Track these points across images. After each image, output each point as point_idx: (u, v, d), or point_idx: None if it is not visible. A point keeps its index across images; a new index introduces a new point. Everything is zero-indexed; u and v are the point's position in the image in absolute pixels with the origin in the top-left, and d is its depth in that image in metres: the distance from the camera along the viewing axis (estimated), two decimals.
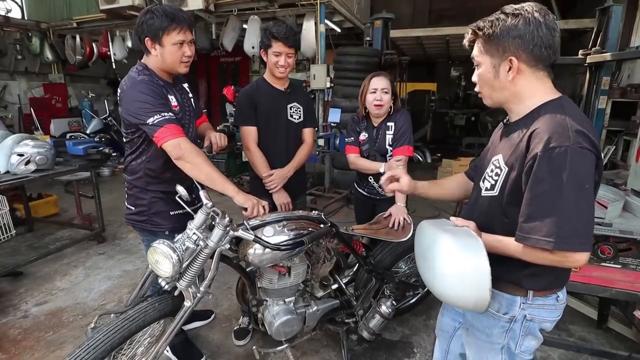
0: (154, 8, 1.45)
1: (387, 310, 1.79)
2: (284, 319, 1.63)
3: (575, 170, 0.83)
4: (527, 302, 1.02)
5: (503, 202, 0.98)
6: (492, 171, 1.03)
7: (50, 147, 2.91)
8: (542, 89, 0.96)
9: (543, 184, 0.85)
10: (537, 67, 0.95)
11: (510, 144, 0.98)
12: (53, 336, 2.14)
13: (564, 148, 0.83)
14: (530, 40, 0.91)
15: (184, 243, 1.30)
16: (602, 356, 1.87)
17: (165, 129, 1.39)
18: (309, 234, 1.45)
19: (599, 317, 2.21)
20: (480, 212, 1.07)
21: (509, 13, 0.93)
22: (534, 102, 0.96)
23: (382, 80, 1.94)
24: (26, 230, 3.63)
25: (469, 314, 1.16)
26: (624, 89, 5.29)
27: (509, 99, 1.00)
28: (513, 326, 1.05)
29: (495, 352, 1.11)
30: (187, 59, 1.53)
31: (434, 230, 1.06)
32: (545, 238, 0.85)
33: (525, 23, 0.91)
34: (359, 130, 2.09)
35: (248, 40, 5.47)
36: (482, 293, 0.91)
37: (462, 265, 0.93)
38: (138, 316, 1.32)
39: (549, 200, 0.85)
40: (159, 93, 1.47)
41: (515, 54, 0.93)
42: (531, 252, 0.90)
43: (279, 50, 1.83)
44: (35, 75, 7.40)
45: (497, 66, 0.97)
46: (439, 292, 1.03)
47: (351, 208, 4.60)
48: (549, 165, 0.84)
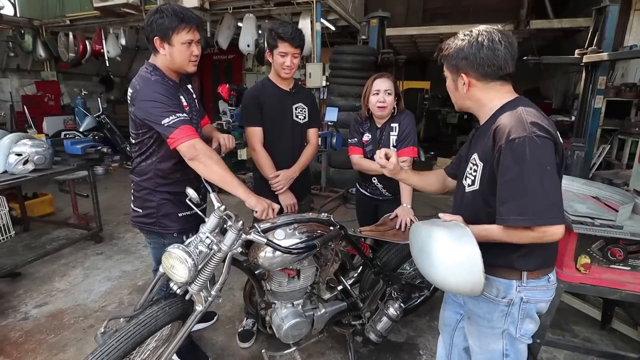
0: (164, 7, 1.46)
1: (395, 312, 1.79)
2: (292, 322, 1.63)
3: (534, 155, 0.96)
4: (522, 285, 1.12)
5: (484, 193, 1.10)
6: (470, 168, 1.16)
7: (48, 146, 2.86)
8: (497, 95, 1.11)
9: (510, 170, 0.98)
10: (486, 80, 1.10)
11: (482, 142, 1.11)
12: (55, 339, 2.11)
13: (522, 138, 0.97)
14: (473, 60, 1.07)
15: (197, 247, 1.29)
16: (610, 358, 1.88)
17: (181, 130, 1.40)
18: (319, 237, 1.45)
19: (603, 318, 2.23)
20: (466, 207, 1.17)
21: (459, 37, 1.11)
22: (495, 105, 1.11)
23: (385, 81, 1.94)
24: (22, 230, 3.57)
25: (470, 302, 1.23)
26: (618, 88, 5.36)
27: (471, 106, 1.16)
28: (512, 309, 1.14)
29: (497, 337, 1.19)
30: (195, 58, 1.55)
31: (428, 227, 1.16)
32: (520, 217, 0.97)
33: (469, 46, 1.07)
34: (362, 131, 2.09)
35: (243, 39, 5.43)
36: (476, 276, 0.99)
37: (456, 253, 1.02)
38: (150, 321, 1.30)
39: (517, 183, 0.97)
40: (173, 93, 1.47)
41: (465, 72, 1.10)
42: (513, 233, 1.02)
43: (285, 50, 1.82)
44: (28, 72, 7.25)
45: (455, 80, 1.15)
46: (440, 282, 1.11)
47: (348, 207, 4.61)
48: (512, 154, 0.98)
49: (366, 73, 4.86)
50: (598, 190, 1.99)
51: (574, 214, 1.64)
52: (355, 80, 4.80)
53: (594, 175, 4.48)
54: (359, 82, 4.83)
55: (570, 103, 7.35)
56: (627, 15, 5.68)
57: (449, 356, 1.49)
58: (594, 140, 4.73)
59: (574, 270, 1.67)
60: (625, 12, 5.53)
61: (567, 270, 1.68)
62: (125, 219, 3.97)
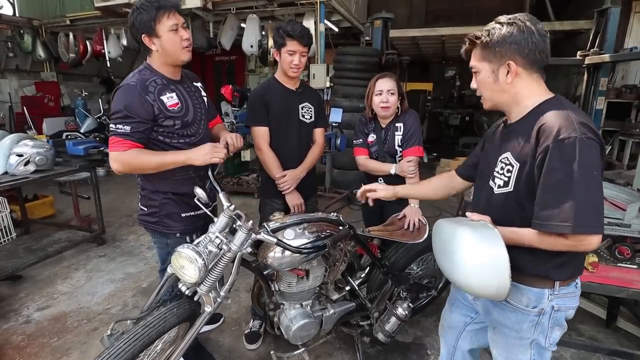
0: (138, 3, 1.45)
1: (404, 312, 1.78)
2: (301, 322, 1.61)
3: (584, 159, 0.90)
4: (554, 293, 1.06)
5: (519, 197, 1.03)
6: (502, 169, 1.08)
7: (49, 147, 2.84)
8: (537, 89, 1.05)
9: (556, 173, 0.92)
10: (532, 70, 1.03)
11: (518, 141, 1.04)
12: (58, 342, 2.08)
13: (572, 139, 0.90)
14: (525, 45, 1.00)
15: (207, 247, 1.27)
16: (618, 356, 1.88)
17: (112, 140, 1.43)
18: (329, 237, 1.43)
19: (608, 316, 2.23)
20: (496, 209, 1.10)
21: (504, 22, 1.02)
22: (533, 102, 1.04)
23: (387, 81, 1.92)
24: (22, 233, 3.53)
25: (495, 312, 1.17)
26: (619, 90, 5.38)
27: (508, 101, 1.08)
28: (542, 319, 1.08)
29: (525, 347, 1.13)
30: (186, 42, 1.52)
31: (452, 225, 1.11)
32: (562, 223, 0.90)
33: (519, 31, 1.00)
34: (367, 131, 2.07)
35: (246, 39, 5.42)
36: (502, 281, 0.94)
37: (481, 255, 0.97)
38: (158, 322, 1.28)
39: (563, 187, 0.91)
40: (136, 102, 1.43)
41: (512, 59, 1.02)
42: (547, 239, 0.95)
43: (293, 49, 1.80)
44: (27, 73, 7.22)
45: (495, 71, 1.05)
46: (461, 283, 1.06)
47: (352, 208, 4.58)
48: (560, 155, 0.91)
49: (370, 74, 4.82)
50: (604, 190, 1.98)
51: None
52: (360, 82, 4.81)
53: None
54: (363, 83, 4.79)
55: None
56: (627, 18, 5.72)
57: (452, 358, 1.45)
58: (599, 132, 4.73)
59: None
60: (626, 14, 5.56)
61: None
62: (128, 221, 3.95)
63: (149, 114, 1.45)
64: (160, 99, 1.48)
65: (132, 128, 1.42)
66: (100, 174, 5.71)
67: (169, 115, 1.50)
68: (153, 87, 1.48)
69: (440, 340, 1.50)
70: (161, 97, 1.49)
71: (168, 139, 1.54)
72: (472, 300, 1.30)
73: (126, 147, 1.41)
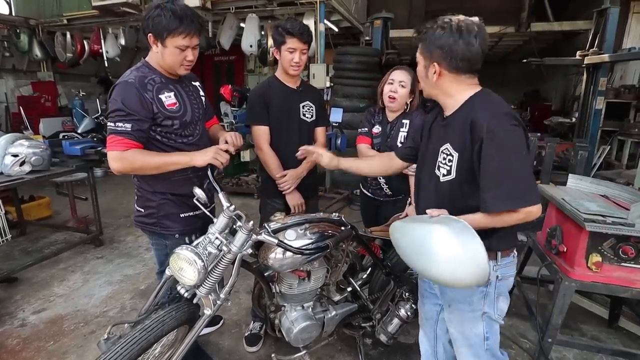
0: (165, 5, 1.38)
1: (407, 313, 1.76)
2: (303, 325, 1.59)
3: (513, 143, 1.04)
4: (497, 264, 1.19)
5: (461, 182, 1.14)
6: (444, 159, 1.17)
7: (45, 147, 2.80)
8: (465, 87, 1.14)
9: (493, 159, 1.03)
10: (457, 73, 1.11)
11: (455, 133, 1.13)
12: (54, 346, 2.04)
13: (501, 128, 1.03)
14: (448, 51, 1.08)
15: (206, 248, 1.24)
16: (621, 356, 1.87)
17: (110, 139, 1.39)
18: (331, 237, 1.41)
19: (610, 316, 2.23)
20: (443, 197, 1.19)
21: (439, 24, 1.09)
22: (462, 97, 1.14)
23: (402, 73, 1.91)
24: (18, 234, 3.49)
25: (448, 290, 1.26)
26: (617, 90, 5.39)
27: (439, 94, 1.19)
28: (489, 289, 1.20)
29: (477, 320, 1.24)
30: (188, 63, 1.49)
31: (420, 225, 1.15)
32: (507, 201, 1.03)
33: (447, 36, 1.07)
34: (373, 122, 2.05)
35: (246, 39, 5.40)
36: (482, 267, 1.01)
37: (461, 249, 1.02)
38: (156, 325, 1.25)
39: (501, 170, 1.03)
40: (135, 99, 1.39)
41: (437, 61, 1.11)
42: (499, 218, 1.06)
43: (293, 46, 1.78)
44: (23, 73, 7.17)
45: (427, 67, 1.15)
46: (446, 279, 1.10)
47: (353, 208, 4.58)
48: (494, 143, 1.03)
49: (370, 74, 4.86)
50: (606, 189, 1.98)
51: (586, 212, 1.63)
52: (360, 81, 4.80)
53: (596, 175, 4.49)
54: (363, 83, 4.81)
55: (570, 105, 7.39)
56: (625, 18, 5.73)
57: (435, 349, 1.51)
58: (595, 141, 4.74)
59: (585, 269, 1.67)
60: (624, 15, 5.58)
61: (579, 269, 1.68)
62: (126, 222, 3.91)
63: (148, 111, 1.42)
64: (158, 97, 1.45)
65: (133, 126, 1.38)
66: (97, 174, 5.67)
67: (167, 115, 1.47)
68: (151, 85, 1.45)
69: (421, 337, 1.55)
70: (159, 96, 1.46)
71: (166, 138, 1.51)
72: (433, 285, 1.39)
73: (126, 147, 1.38)
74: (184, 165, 1.45)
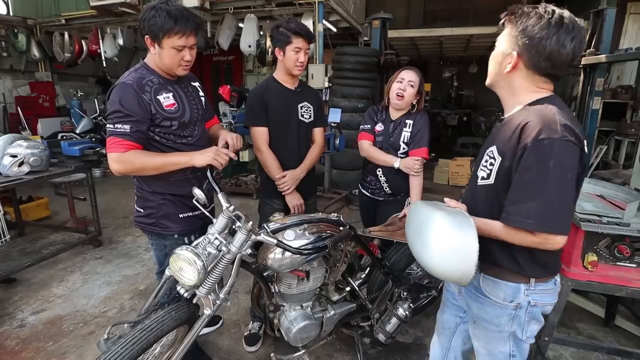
0: (159, 6, 1.38)
1: (405, 312, 1.77)
2: (302, 324, 1.59)
3: (561, 161, 0.90)
4: (530, 289, 1.08)
5: (498, 190, 1.04)
6: (486, 161, 1.09)
7: (44, 147, 2.80)
8: (534, 89, 1.02)
9: (530, 171, 0.93)
10: (534, 72, 1.00)
11: (503, 136, 1.04)
12: (53, 346, 2.04)
13: (551, 140, 0.90)
14: (535, 45, 0.95)
15: (206, 248, 1.25)
16: (617, 354, 1.89)
17: (110, 140, 1.39)
18: (330, 237, 1.42)
19: (607, 315, 2.24)
20: (477, 201, 1.12)
21: (540, 12, 0.96)
22: (526, 99, 1.02)
23: (412, 73, 1.93)
24: (17, 235, 3.49)
25: (475, 306, 1.19)
26: (614, 90, 5.42)
27: (504, 87, 1.07)
28: (518, 313, 1.11)
29: (504, 340, 1.17)
30: (186, 63, 1.48)
31: (430, 208, 1.11)
32: (527, 220, 0.93)
33: (541, 28, 0.94)
34: (376, 120, 2.06)
35: (244, 39, 5.40)
36: (468, 267, 0.95)
37: (453, 240, 0.97)
38: (156, 325, 1.26)
39: (534, 185, 0.93)
40: (133, 101, 1.39)
41: (520, 51, 0.98)
42: (515, 234, 0.98)
43: (300, 46, 1.78)
44: (21, 73, 7.15)
45: (504, 54, 1.02)
46: (428, 264, 1.07)
47: (351, 208, 4.58)
48: (537, 155, 0.92)
49: (369, 74, 4.87)
50: (602, 189, 1.99)
51: (582, 212, 1.65)
52: (358, 82, 4.81)
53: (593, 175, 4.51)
54: (362, 84, 4.83)
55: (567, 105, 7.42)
56: (622, 19, 5.77)
57: (445, 359, 1.47)
58: (592, 141, 4.77)
59: (581, 268, 1.68)
60: (621, 15, 5.62)
61: (575, 268, 1.69)
62: (125, 223, 3.91)
63: (147, 112, 1.42)
64: (156, 98, 1.46)
65: (132, 127, 1.38)
66: (96, 174, 5.66)
67: (166, 115, 1.48)
68: (149, 86, 1.45)
69: (434, 342, 1.50)
70: (157, 97, 1.46)
71: (164, 139, 1.52)
72: (457, 296, 1.32)
73: (126, 148, 1.38)
74: (183, 166, 1.46)
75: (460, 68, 10.17)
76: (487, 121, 9.18)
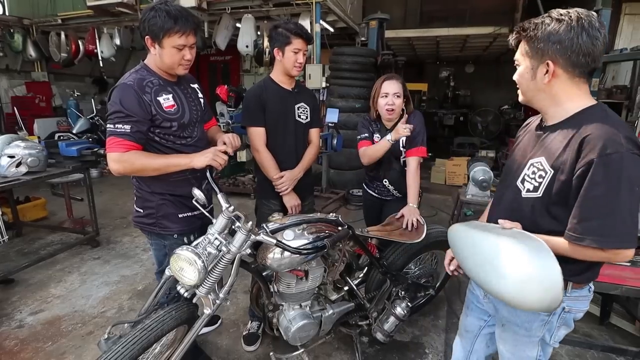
0: (159, 6, 1.40)
1: (403, 311, 1.79)
2: (300, 323, 1.61)
3: (629, 175, 0.88)
4: (565, 295, 1.06)
5: (548, 203, 1.01)
6: (533, 173, 1.04)
7: (42, 148, 2.79)
8: (578, 93, 0.99)
9: (599, 187, 0.90)
10: (573, 73, 0.97)
11: (554, 147, 1.00)
12: (52, 347, 2.04)
13: (619, 154, 0.88)
14: (569, 46, 0.93)
15: (206, 248, 1.26)
16: (612, 352, 1.91)
17: (110, 140, 1.39)
18: (328, 237, 1.43)
19: (602, 313, 2.27)
20: (521, 213, 1.07)
21: (554, 17, 0.96)
22: (574, 107, 0.99)
23: (393, 83, 1.90)
24: (14, 235, 3.48)
25: (505, 310, 1.17)
26: (609, 90, 5.46)
27: (545, 100, 1.03)
28: (551, 319, 1.10)
29: (533, 344, 1.16)
30: (186, 62, 1.51)
31: (490, 235, 1.04)
32: (601, 238, 0.91)
33: (566, 29, 0.93)
34: (372, 130, 2.06)
35: (242, 39, 5.39)
36: (556, 294, 0.90)
37: (535, 269, 0.92)
38: (156, 325, 1.27)
39: (604, 202, 0.90)
40: (133, 101, 1.40)
41: (553, 59, 0.96)
42: (582, 251, 0.95)
43: (299, 47, 1.80)
44: (17, 73, 7.10)
45: (534, 68, 1.00)
46: (511, 298, 0.99)
47: (349, 208, 4.60)
48: (605, 170, 0.89)
49: (366, 74, 4.88)
50: None
51: None
52: (356, 82, 4.82)
53: None
54: (359, 84, 4.84)
55: None
56: (617, 20, 5.81)
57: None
58: None
59: None
60: (616, 16, 5.65)
61: None
62: (123, 223, 3.90)
63: (147, 113, 1.43)
64: (157, 99, 1.47)
65: (132, 128, 1.39)
66: (93, 175, 5.65)
67: (166, 116, 1.49)
68: (150, 87, 1.46)
69: (457, 344, 1.48)
70: (158, 98, 1.47)
71: (164, 140, 1.53)
72: (483, 299, 1.30)
73: (126, 148, 1.39)
74: (184, 167, 1.47)
75: (457, 68, 10.20)
76: (483, 121, 9.23)
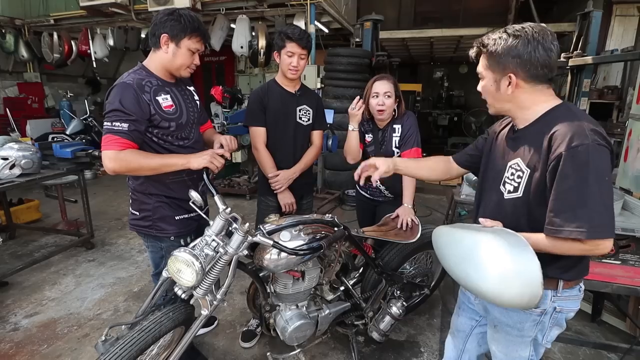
0: (182, 12, 1.47)
1: (398, 311, 1.81)
2: (297, 323, 1.62)
3: (597, 165, 0.91)
4: (557, 295, 1.09)
5: (528, 202, 1.04)
6: (512, 175, 1.08)
7: (35, 150, 2.78)
8: (543, 97, 1.05)
9: (569, 179, 0.92)
10: (534, 82, 1.03)
11: (528, 148, 1.04)
12: (48, 349, 2.04)
13: (585, 146, 0.91)
14: (527, 60, 0.99)
15: (203, 250, 1.27)
16: (603, 349, 1.95)
17: (106, 138, 1.39)
18: (325, 238, 1.45)
19: (593, 311, 2.30)
20: (505, 214, 1.10)
21: (511, 33, 1.01)
22: (540, 109, 1.04)
23: (384, 83, 1.91)
24: (8, 238, 3.44)
25: (497, 311, 1.19)
26: (601, 91, 5.53)
27: (512, 108, 1.08)
28: (543, 319, 1.11)
29: (525, 344, 1.17)
30: (194, 66, 1.57)
31: (470, 232, 1.07)
32: (578, 229, 0.91)
33: (524, 44, 0.99)
34: (363, 130, 2.08)
35: (236, 40, 5.38)
36: (535, 289, 0.91)
37: (513, 264, 0.93)
38: (154, 327, 1.28)
39: (576, 194, 0.92)
40: (132, 100, 1.41)
41: (514, 72, 1.02)
42: (562, 244, 0.96)
43: (292, 50, 1.85)
44: (9, 74, 7.01)
45: (498, 80, 1.05)
46: (493, 295, 1.01)
47: (344, 209, 4.62)
48: (573, 162, 0.92)
49: (361, 75, 4.90)
50: None
51: None
52: (350, 83, 4.83)
53: None
54: (354, 85, 4.85)
55: None
56: (608, 21, 5.90)
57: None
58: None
59: None
60: (607, 18, 5.74)
61: None
62: (117, 225, 3.88)
63: (145, 113, 1.44)
64: (155, 99, 1.48)
65: (130, 126, 1.40)
66: (87, 176, 5.60)
67: (164, 116, 1.50)
68: (149, 87, 1.47)
69: (448, 343, 1.49)
70: (156, 98, 1.49)
71: (162, 140, 1.53)
72: (474, 300, 1.32)
73: (122, 147, 1.39)
74: (180, 168, 1.48)
75: (451, 68, 10.27)
76: (477, 121, 9.30)
